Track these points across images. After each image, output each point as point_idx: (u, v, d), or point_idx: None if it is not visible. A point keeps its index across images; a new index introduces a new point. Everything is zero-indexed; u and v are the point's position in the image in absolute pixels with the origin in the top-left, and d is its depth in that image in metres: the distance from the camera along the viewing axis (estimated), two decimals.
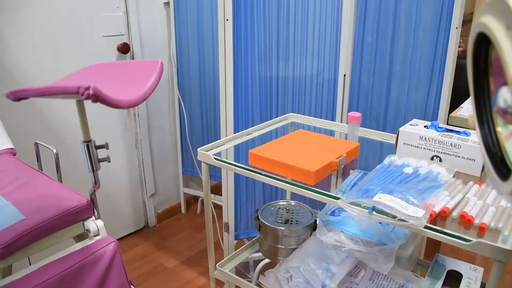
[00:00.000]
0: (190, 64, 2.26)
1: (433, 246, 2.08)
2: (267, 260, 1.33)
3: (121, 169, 2.23)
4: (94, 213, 0.96)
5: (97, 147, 0.81)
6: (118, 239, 2.32)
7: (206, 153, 1.08)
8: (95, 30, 1.94)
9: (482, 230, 0.76)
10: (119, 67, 0.84)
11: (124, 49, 2.06)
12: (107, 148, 0.81)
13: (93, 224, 0.94)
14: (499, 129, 0.46)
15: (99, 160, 0.82)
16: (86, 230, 0.95)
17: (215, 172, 2.43)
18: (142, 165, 2.31)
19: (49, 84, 0.65)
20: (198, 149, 1.10)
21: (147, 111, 2.26)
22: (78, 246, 0.92)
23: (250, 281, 1.75)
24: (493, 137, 0.47)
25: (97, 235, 0.95)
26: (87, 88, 0.58)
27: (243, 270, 2.00)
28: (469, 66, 0.47)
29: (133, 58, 2.14)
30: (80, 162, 1.97)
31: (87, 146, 0.80)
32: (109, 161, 0.82)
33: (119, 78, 0.78)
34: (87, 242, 0.93)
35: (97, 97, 0.59)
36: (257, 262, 1.83)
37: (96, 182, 0.85)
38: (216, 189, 2.69)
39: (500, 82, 0.39)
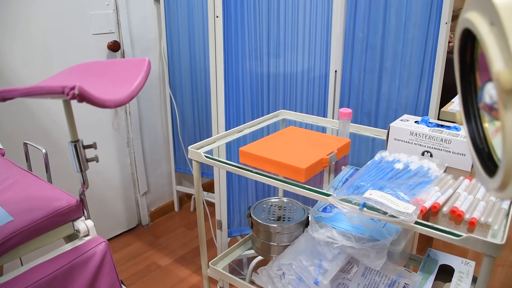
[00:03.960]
0: (181, 61, 2.25)
1: (426, 241, 2.09)
2: (260, 257, 1.34)
3: (113, 167, 2.22)
4: (83, 213, 0.96)
5: (85, 147, 0.80)
6: (111, 238, 2.31)
7: (197, 151, 1.08)
8: (85, 28, 1.93)
9: (472, 225, 0.76)
10: (107, 65, 0.83)
11: (114, 47, 2.04)
12: (95, 148, 0.80)
13: (82, 224, 0.94)
14: (486, 125, 0.46)
15: (87, 160, 0.81)
16: (76, 230, 0.94)
17: (207, 169, 2.42)
18: (134, 163, 2.30)
19: (34, 84, 0.64)
20: (189, 147, 1.10)
21: (138, 109, 2.25)
22: (68, 246, 0.91)
23: (244, 279, 1.75)
24: (480, 133, 0.47)
25: (87, 235, 0.94)
26: (72, 88, 0.57)
27: (237, 267, 2.00)
28: (456, 62, 0.47)
29: (123, 56, 2.12)
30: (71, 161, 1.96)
31: (75, 146, 0.79)
32: (97, 161, 0.82)
33: (107, 77, 0.77)
34: (77, 243, 0.92)
35: (82, 97, 0.58)
36: (250, 259, 1.83)
37: (85, 182, 0.84)
38: (209, 187, 2.69)
39: (486, 78, 0.39)
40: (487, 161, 0.44)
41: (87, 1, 1.90)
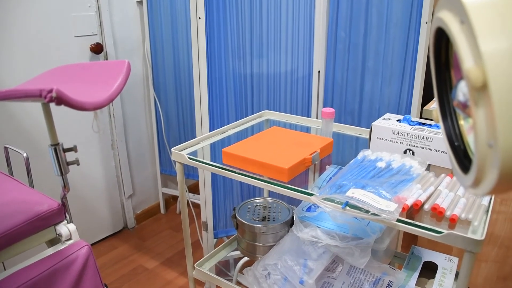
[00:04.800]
0: (165, 63, 2.24)
1: (411, 238, 2.10)
2: (247, 258, 1.34)
3: (98, 171, 2.20)
4: (66, 217, 0.95)
5: (65, 150, 0.80)
6: (97, 242, 2.29)
7: (180, 153, 1.07)
8: (67, 31, 1.91)
9: (453, 221, 0.77)
10: (86, 68, 0.82)
11: (97, 49, 2.02)
12: (76, 151, 0.79)
13: (65, 228, 0.92)
14: (461, 122, 0.46)
15: (68, 163, 0.80)
16: (58, 234, 0.93)
17: (193, 171, 2.41)
18: (119, 166, 2.28)
19: (12, 88, 0.64)
20: (172, 149, 1.09)
21: (122, 111, 2.23)
22: (50, 251, 0.90)
23: (231, 280, 1.75)
24: (456, 130, 0.47)
25: (70, 239, 0.93)
26: (50, 91, 0.57)
27: (223, 268, 1.99)
28: (431, 60, 0.48)
29: (106, 58, 2.11)
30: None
31: (55, 149, 0.78)
32: (78, 164, 0.81)
33: (86, 80, 0.77)
34: (59, 247, 0.91)
35: (60, 100, 0.58)
36: (237, 260, 1.83)
37: (66, 186, 0.83)
38: (195, 188, 2.68)
39: (460, 76, 0.39)
40: (463, 159, 0.45)
41: (69, 3, 1.88)
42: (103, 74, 0.75)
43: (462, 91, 0.38)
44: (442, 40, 0.44)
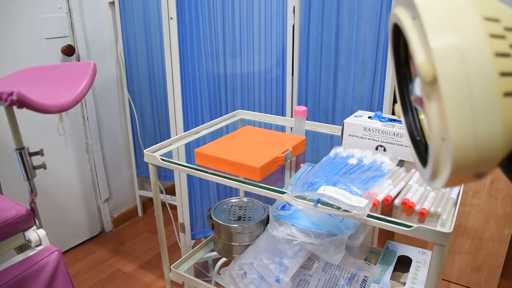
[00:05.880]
0: (139, 64, 2.21)
1: (388, 234, 2.13)
2: (225, 258, 1.33)
3: (73, 175, 2.16)
4: (35, 222, 0.93)
5: (31, 154, 0.78)
6: (73, 247, 2.26)
7: (153, 154, 1.06)
8: (37, 33, 1.87)
9: (422, 215, 0.79)
10: (52, 70, 0.81)
11: (68, 51, 1.99)
12: (42, 155, 0.77)
13: (34, 234, 0.91)
14: (422, 117, 0.47)
15: (34, 168, 0.78)
16: (27, 240, 0.91)
17: (169, 173, 2.40)
18: (95, 169, 2.25)
19: None
20: (145, 151, 1.08)
21: (96, 114, 2.20)
22: (19, 257, 0.88)
23: (210, 281, 1.74)
24: (417, 125, 0.48)
25: (39, 245, 0.91)
26: (10, 94, 0.55)
27: (202, 270, 1.99)
28: (391, 56, 0.48)
29: (78, 60, 2.07)
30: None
31: (20, 153, 0.76)
32: (45, 168, 0.79)
33: (52, 82, 0.75)
34: (28, 253, 0.89)
35: (22, 103, 0.56)
36: (216, 261, 1.82)
37: (33, 191, 0.81)
38: (172, 190, 2.66)
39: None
40: (424, 153, 0.45)
41: (38, 5, 1.85)
42: (69, 76, 0.74)
43: (418, 86, 0.39)
44: (400, 36, 0.45)
